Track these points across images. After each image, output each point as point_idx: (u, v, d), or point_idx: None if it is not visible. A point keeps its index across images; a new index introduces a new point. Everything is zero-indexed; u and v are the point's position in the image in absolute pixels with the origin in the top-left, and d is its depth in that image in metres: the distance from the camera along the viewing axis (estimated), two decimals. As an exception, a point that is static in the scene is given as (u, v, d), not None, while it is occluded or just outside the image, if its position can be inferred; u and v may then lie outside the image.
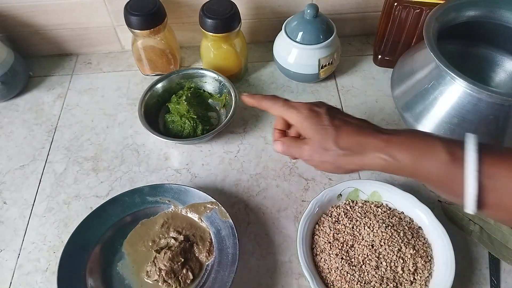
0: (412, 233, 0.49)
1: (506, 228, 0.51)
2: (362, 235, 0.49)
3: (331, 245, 0.49)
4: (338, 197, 0.52)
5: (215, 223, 0.51)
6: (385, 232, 0.49)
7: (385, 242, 0.48)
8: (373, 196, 0.53)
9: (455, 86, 0.50)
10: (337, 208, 0.52)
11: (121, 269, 0.49)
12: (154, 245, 0.50)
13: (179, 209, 0.53)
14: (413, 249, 0.48)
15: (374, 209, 0.52)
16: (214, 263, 0.49)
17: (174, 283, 0.47)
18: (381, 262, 0.47)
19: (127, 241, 0.51)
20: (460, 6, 0.54)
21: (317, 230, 0.50)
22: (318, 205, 0.51)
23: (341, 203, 0.53)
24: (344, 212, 0.51)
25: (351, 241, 0.49)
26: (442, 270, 0.46)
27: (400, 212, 0.52)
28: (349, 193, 0.53)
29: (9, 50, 0.67)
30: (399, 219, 0.51)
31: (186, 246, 0.50)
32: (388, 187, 0.52)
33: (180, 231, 0.52)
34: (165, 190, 0.54)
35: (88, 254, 0.49)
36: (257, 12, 0.70)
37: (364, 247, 0.48)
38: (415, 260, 0.47)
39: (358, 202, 0.53)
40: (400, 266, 0.47)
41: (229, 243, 0.49)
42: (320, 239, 0.49)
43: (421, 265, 0.47)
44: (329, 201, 0.52)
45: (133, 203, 0.53)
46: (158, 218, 0.53)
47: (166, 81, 0.64)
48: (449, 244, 0.47)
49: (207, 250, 0.50)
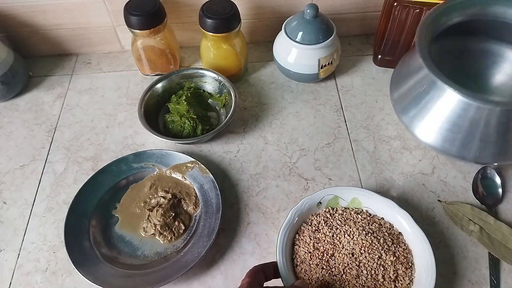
0: (392, 239, 0.48)
1: (506, 228, 0.51)
2: (342, 244, 0.48)
3: (311, 255, 0.48)
4: (318, 205, 0.51)
5: (197, 179, 0.57)
6: (365, 239, 0.48)
7: (365, 250, 0.47)
8: (353, 203, 0.52)
9: (445, 92, 0.49)
10: (317, 216, 0.51)
11: (119, 230, 0.54)
12: (146, 205, 0.55)
13: (163, 171, 0.58)
14: (394, 255, 0.47)
15: (354, 216, 0.51)
16: (201, 213, 0.54)
17: (169, 234, 0.52)
18: (361, 271, 0.46)
19: (121, 204, 0.56)
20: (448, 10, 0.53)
21: (297, 240, 0.49)
22: (297, 214, 0.50)
23: (321, 211, 0.52)
24: (324, 220, 0.50)
25: (331, 250, 0.48)
26: (423, 276, 0.45)
27: (380, 218, 0.51)
28: (329, 200, 0.52)
29: (9, 50, 0.67)
30: (379, 225, 0.50)
31: (175, 202, 0.55)
32: (368, 193, 0.51)
33: (167, 190, 0.56)
34: (148, 156, 0.58)
35: (88, 220, 0.53)
36: (257, 12, 0.70)
37: (344, 256, 0.47)
38: (395, 267, 0.46)
39: (338, 209, 0.52)
40: (381, 273, 0.46)
41: (212, 195, 0.54)
42: (300, 249, 0.48)
43: (402, 272, 0.46)
44: (308, 209, 0.51)
45: (120, 171, 0.57)
46: (146, 182, 0.57)
47: (166, 81, 0.64)
48: (429, 249, 0.46)
49: (194, 203, 0.55)
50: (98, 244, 0.52)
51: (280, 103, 0.67)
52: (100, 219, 0.54)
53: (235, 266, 0.50)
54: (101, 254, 0.51)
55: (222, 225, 0.53)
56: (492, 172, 0.56)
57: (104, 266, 0.49)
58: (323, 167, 0.59)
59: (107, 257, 0.51)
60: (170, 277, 0.47)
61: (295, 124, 0.64)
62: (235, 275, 0.50)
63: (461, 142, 0.51)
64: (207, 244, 0.49)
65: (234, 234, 0.53)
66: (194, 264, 0.47)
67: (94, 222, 0.53)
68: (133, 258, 0.51)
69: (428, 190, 0.56)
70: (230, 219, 0.54)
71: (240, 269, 0.50)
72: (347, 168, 0.59)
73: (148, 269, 0.49)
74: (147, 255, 0.51)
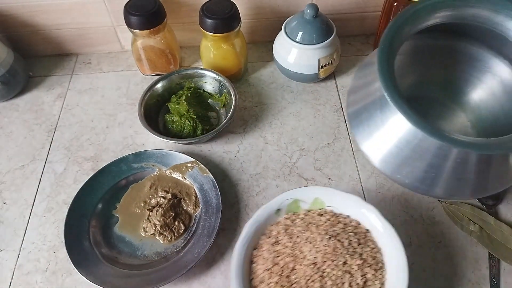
0: (358, 239, 0.44)
1: (506, 228, 0.51)
2: (304, 254, 0.43)
3: (270, 272, 0.43)
4: (277, 212, 0.47)
5: (197, 179, 0.56)
6: (328, 245, 0.43)
7: (328, 257, 0.42)
8: (315, 204, 0.48)
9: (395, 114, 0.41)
10: (277, 225, 0.46)
11: (119, 230, 0.54)
12: (146, 205, 0.55)
13: (163, 171, 0.58)
14: (360, 258, 0.42)
15: (317, 219, 0.46)
16: (201, 213, 0.54)
17: (169, 234, 0.52)
18: (325, 282, 0.41)
19: (121, 205, 0.56)
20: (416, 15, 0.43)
21: (255, 257, 0.45)
22: (254, 227, 0.45)
23: (281, 219, 0.47)
24: (285, 229, 0.46)
25: (292, 263, 0.43)
26: (394, 275, 0.41)
27: (345, 217, 0.47)
28: (288, 205, 0.47)
29: (9, 50, 0.67)
30: (343, 226, 0.45)
31: (175, 202, 0.55)
32: (330, 191, 0.47)
33: (167, 190, 0.56)
34: (148, 156, 0.58)
35: (88, 220, 0.53)
36: (257, 12, 0.70)
37: (306, 268, 0.42)
38: (363, 271, 0.42)
39: (300, 214, 0.47)
40: (348, 281, 0.41)
41: (212, 195, 0.54)
42: (258, 267, 0.44)
43: (371, 275, 0.42)
44: (266, 219, 0.46)
45: (120, 171, 0.57)
46: (146, 182, 0.57)
47: (166, 81, 0.64)
48: (399, 244, 0.42)
49: (194, 203, 0.55)
50: (98, 244, 0.52)
51: (280, 103, 0.67)
52: (100, 219, 0.54)
53: (235, 266, 0.51)
54: (101, 254, 0.51)
55: (222, 225, 0.53)
56: (492, 172, 0.56)
57: (104, 266, 0.49)
58: (323, 167, 0.59)
59: (107, 257, 0.51)
60: (170, 277, 0.47)
61: (295, 124, 0.64)
62: (235, 275, 0.50)
63: (410, 172, 0.43)
64: (207, 244, 0.49)
65: (234, 234, 0.53)
66: (194, 264, 0.47)
67: (94, 222, 0.53)
68: (133, 258, 0.51)
69: (428, 190, 0.56)
70: (230, 219, 0.54)
71: (240, 269, 0.50)
72: (347, 168, 0.59)
73: (148, 269, 0.49)
74: (147, 255, 0.51)
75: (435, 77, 0.57)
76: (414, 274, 0.49)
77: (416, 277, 0.49)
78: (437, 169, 0.42)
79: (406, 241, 0.51)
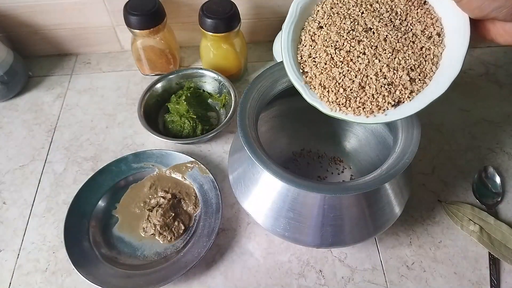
0: None
1: (506, 228, 0.51)
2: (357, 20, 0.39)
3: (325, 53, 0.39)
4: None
5: (197, 179, 0.56)
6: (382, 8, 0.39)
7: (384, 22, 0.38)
8: None
9: None
10: (324, 4, 0.41)
11: (119, 230, 0.54)
12: (146, 205, 0.55)
13: (163, 171, 0.58)
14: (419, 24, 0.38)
15: None
16: (201, 213, 0.54)
17: (169, 234, 0.52)
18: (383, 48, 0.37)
19: (121, 205, 0.56)
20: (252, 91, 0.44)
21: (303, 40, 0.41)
22: (300, 6, 0.40)
23: None
24: (331, 7, 0.40)
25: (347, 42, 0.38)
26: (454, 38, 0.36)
27: None
28: None
29: (9, 50, 0.67)
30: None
31: (175, 202, 0.55)
32: None
33: (167, 190, 0.56)
34: (148, 156, 0.58)
35: (88, 221, 0.53)
36: (257, 12, 0.70)
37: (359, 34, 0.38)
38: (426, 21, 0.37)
39: None
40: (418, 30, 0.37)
41: (212, 195, 0.54)
42: (305, 49, 0.40)
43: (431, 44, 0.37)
44: None
45: (120, 171, 0.57)
46: (145, 182, 0.57)
47: (165, 81, 0.64)
48: None
49: (193, 203, 0.55)
50: (98, 244, 0.52)
51: (280, 103, 0.67)
52: (99, 219, 0.54)
53: (235, 266, 0.50)
54: (100, 254, 0.51)
55: (222, 225, 0.53)
56: (492, 172, 0.56)
57: (104, 266, 0.49)
58: (323, 167, 0.59)
59: (107, 257, 0.51)
60: (170, 277, 0.47)
61: (295, 124, 0.64)
62: (235, 275, 0.50)
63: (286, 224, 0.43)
64: (207, 244, 0.49)
65: (234, 234, 0.53)
66: (194, 264, 0.47)
67: (93, 222, 0.53)
68: (133, 258, 0.51)
69: (428, 190, 0.56)
70: (230, 219, 0.54)
71: (240, 269, 0.50)
72: (347, 168, 0.58)
73: (148, 269, 0.49)
74: (147, 255, 0.51)
75: (316, 133, 0.58)
76: (414, 274, 0.49)
77: (416, 277, 0.49)
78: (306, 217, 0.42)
79: (406, 241, 0.51)
